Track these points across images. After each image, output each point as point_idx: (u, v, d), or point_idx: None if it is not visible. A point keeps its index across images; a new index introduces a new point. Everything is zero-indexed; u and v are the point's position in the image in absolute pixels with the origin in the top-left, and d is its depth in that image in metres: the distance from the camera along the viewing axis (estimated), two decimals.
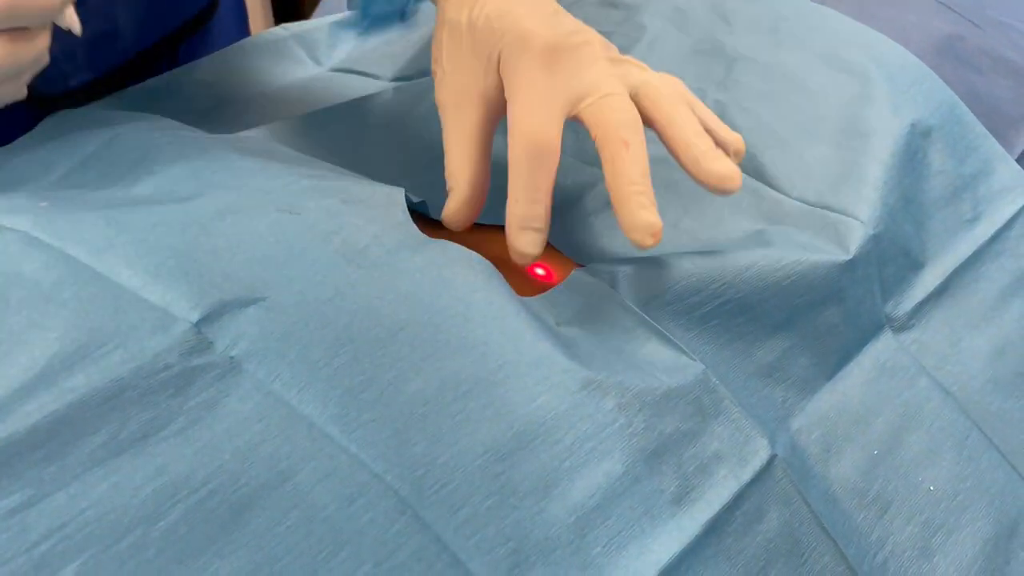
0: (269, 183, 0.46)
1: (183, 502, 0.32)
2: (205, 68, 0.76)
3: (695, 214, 0.59)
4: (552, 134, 0.46)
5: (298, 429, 0.35)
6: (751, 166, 0.61)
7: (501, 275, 0.46)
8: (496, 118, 0.52)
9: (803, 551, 0.43)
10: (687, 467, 0.42)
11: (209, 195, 0.44)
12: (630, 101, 0.48)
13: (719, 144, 0.51)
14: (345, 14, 0.85)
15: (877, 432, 0.53)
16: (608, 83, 0.48)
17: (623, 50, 0.55)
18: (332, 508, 0.33)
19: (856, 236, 0.56)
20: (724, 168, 0.48)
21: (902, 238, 0.60)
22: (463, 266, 0.44)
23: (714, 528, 0.41)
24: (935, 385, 0.57)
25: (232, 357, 0.36)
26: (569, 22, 0.50)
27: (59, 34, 0.47)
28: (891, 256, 0.59)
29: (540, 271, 0.52)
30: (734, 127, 0.60)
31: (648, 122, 0.49)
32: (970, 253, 0.64)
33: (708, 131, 0.51)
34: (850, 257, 0.55)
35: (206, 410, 0.34)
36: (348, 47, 0.84)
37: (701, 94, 0.65)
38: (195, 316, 0.36)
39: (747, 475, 0.44)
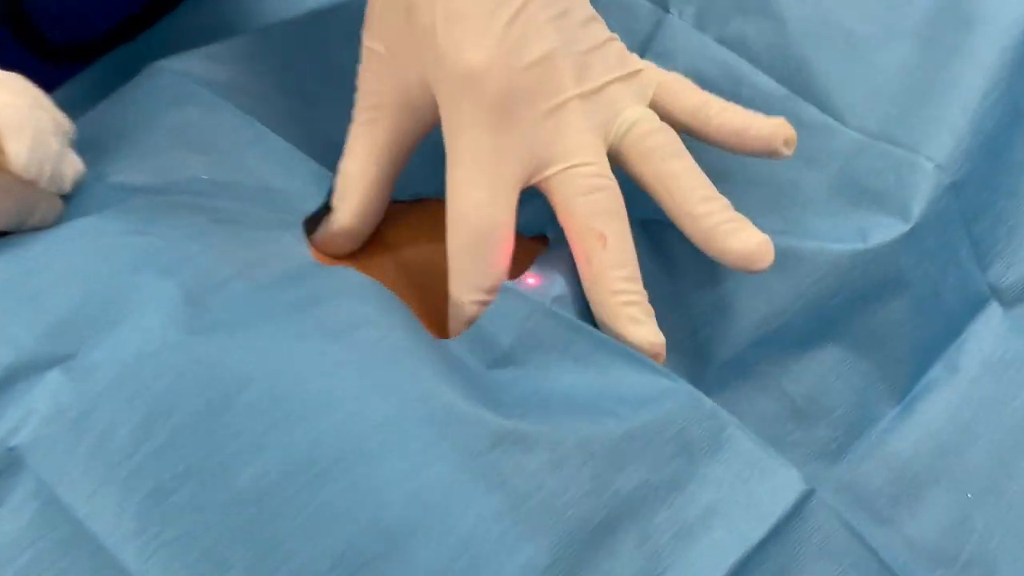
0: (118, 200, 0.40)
1: None
2: (205, 11, 0.69)
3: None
4: (499, 218, 0.40)
5: (80, 555, 0.31)
6: (797, 78, 0.49)
7: (408, 310, 0.39)
8: (418, 135, 0.44)
9: None
10: (659, 537, 0.34)
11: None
12: (605, 172, 0.40)
13: (759, 145, 0.41)
14: None
15: (974, 463, 0.43)
16: (577, 146, 0.40)
17: None
18: None
19: (924, 189, 0.44)
20: (745, 243, 0.39)
21: (1002, 175, 0.48)
22: (352, 299, 0.37)
23: None
24: None
25: (12, 448, 0.32)
26: (533, 40, 0.40)
27: None
28: (985, 204, 0.47)
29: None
30: (781, 17, 0.49)
31: (636, 181, 0.41)
32: None
33: (736, 133, 0.42)
34: (911, 226, 0.43)
35: None
36: None
37: None
38: None
39: (763, 528, 0.34)
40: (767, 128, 0.41)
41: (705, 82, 0.46)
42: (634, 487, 0.34)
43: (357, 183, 0.43)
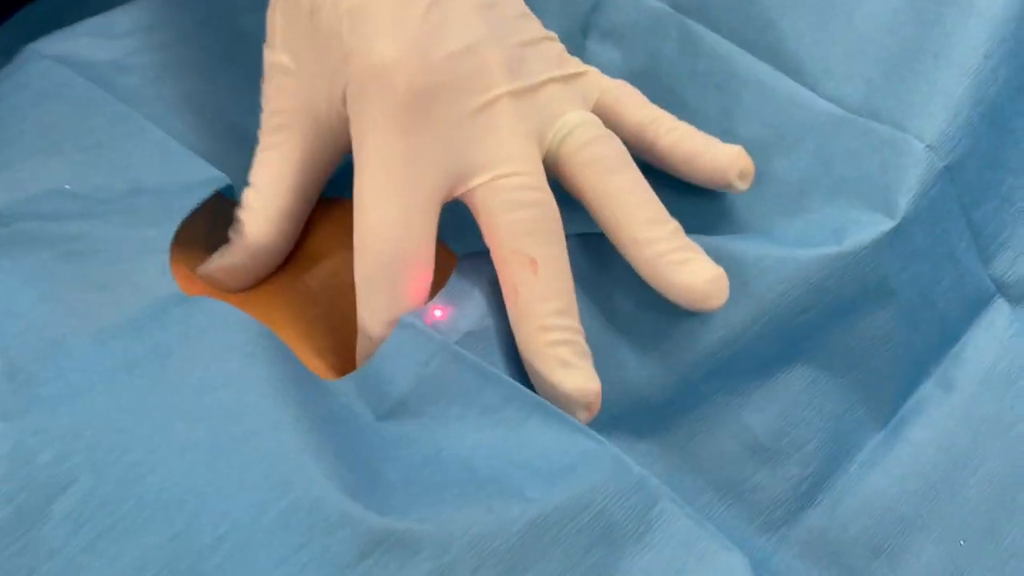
0: None
1: None
2: None
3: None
4: (412, 239, 0.34)
5: None
6: (763, 42, 0.41)
7: (282, 352, 0.32)
8: (330, 159, 0.38)
9: None
10: None
11: None
12: (538, 183, 0.34)
13: (710, 175, 0.37)
14: None
15: (970, 501, 0.37)
16: (506, 152, 0.34)
17: None
18: None
19: (912, 176, 0.37)
20: (694, 278, 0.34)
21: (1008, 150, 0.40)
22: (210, 349, 0.31)
23: None
24: None
25: None
26: (456, 28, 0.34)
27: None
28: (988, 185, 0.40)
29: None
30: None
31: (575, 196, 0.36)
32: None
33: (687, 160, 0.37)
34: (896, 222, 0.36)
35: None
36: None
37: None
38: None
39: None
40: (721, 158, 0.36)
41: (658, 55, 0.40)
42: None
43: (256, 218, 0.37)
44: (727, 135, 0.39)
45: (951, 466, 0.37)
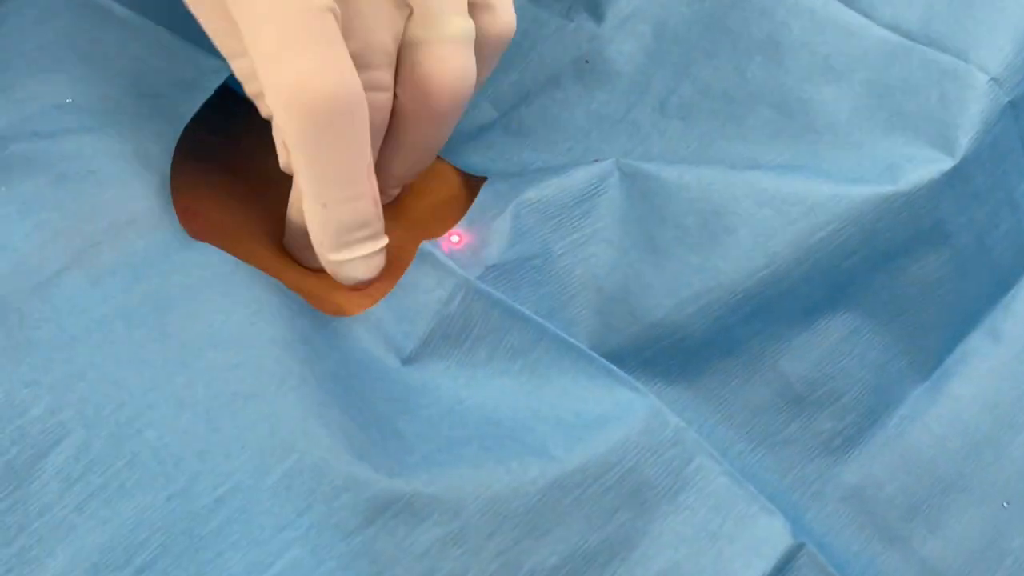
0: None
1: None
2: None
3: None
4: (350, 82, 0.27)
5: None
6: None
7: (296, 308, 0.30)
8: None
9: None
10: None
11: None
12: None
13: None
14: None
15: (1015, 461, 0.34)
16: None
17: None
18: None
19: (975, 111, 0.34)
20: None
21: None
22: (211, 301, 0.28)
23: None
24: None
25: None
26: None
27: None
28: None
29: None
30: None
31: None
32: None
33: None
34: (956, 162, 0.33)
35: None
36: None
37: None
38: None
39: None
40: None
41: None
42: (559, 561, 0.26)
43: None
44: (773, 63, 0.36)
45: (996, 423, 0.34)
